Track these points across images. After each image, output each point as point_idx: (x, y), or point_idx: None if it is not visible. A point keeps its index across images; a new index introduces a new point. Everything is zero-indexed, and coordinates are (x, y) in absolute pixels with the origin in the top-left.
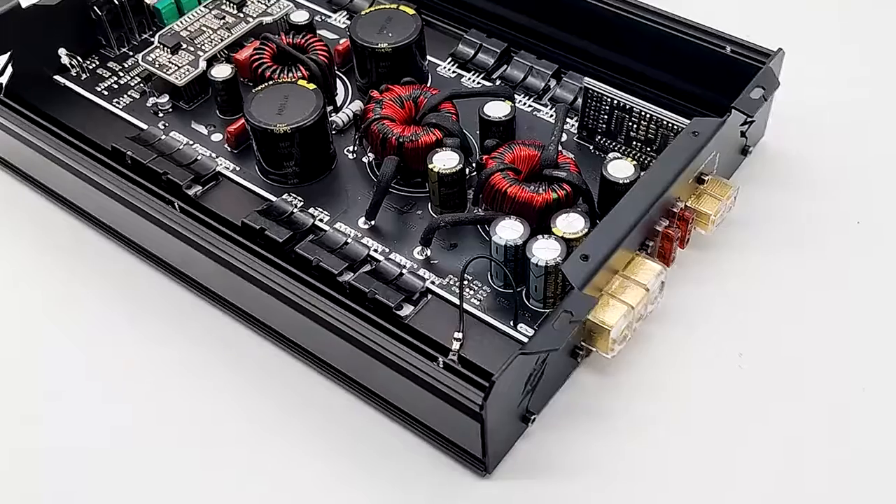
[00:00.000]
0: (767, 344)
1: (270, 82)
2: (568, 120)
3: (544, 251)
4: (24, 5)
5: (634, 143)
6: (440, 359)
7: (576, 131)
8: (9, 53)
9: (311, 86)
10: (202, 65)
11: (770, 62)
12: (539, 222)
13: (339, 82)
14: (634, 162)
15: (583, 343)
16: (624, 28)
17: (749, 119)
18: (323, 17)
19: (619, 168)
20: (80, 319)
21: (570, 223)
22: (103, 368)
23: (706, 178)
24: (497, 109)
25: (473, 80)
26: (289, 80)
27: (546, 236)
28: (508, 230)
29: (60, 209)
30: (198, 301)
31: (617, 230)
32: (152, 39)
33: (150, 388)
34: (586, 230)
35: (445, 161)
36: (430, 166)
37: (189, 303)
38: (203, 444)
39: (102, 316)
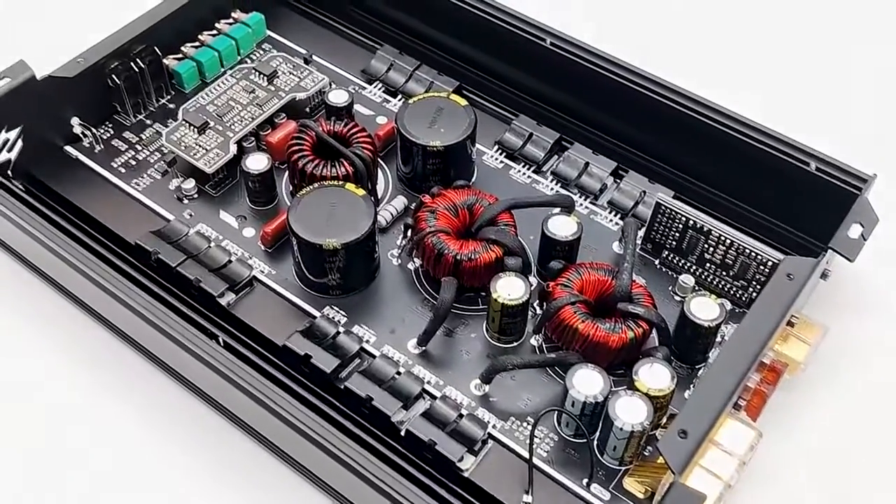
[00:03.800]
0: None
1: (316, 185)
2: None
3: (629, 413)
4: (38, 77)
5: (708, 265)
6: None
7: (639, 241)
8: (20, 128)
9: (360, 191)
10: (233, 149)
11: (865, 191)
12: (611, 360)
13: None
14: (719, 301)
15: None
16: (691, 127)
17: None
18: (356, 89)
19: (703, 308)
20: (96, 438)
21: (655, 376)
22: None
23: (796, 321)
24: (563, 227)
25: (522, 173)
26: (333, 180)
27: (629, 392)
28: (587, 383)
29: (78, 310)
30: (233, 431)
31: (716, 399)
32: (170, 105)
33: None
34: (673, 385)
35: (511, 290)
36: (495, 296)
37: (225, 433)
38: None
39: (126, 436)
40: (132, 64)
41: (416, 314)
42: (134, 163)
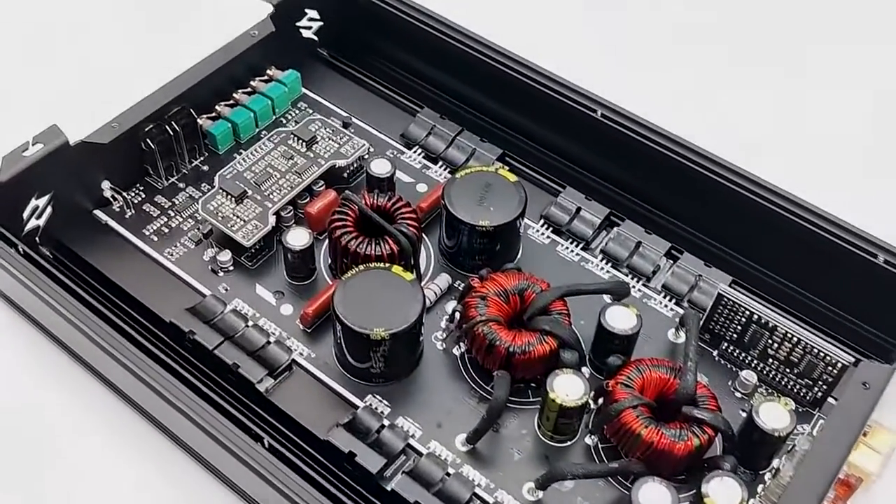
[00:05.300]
0: None
1: (362, 267)
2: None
3: None
4: (72, 143)
5: (771, 360)
6: None
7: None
8: (50, 194)
9: (409, 275)
10: (271, 221)
11: None
12: (675, 468)
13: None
14: (789, 406)
15: None
16: (750, 208)
17: None
18: (395, 153)
19: (773, 415)
20: None
21: (726, 493)
22: None
23: (867, 429)
24: (622, 320)
25: (570, 250)
26: (377, 259)
27: None
28: (654, 500)
29: (109, 390)
30: None
31: None
32: (204, 167)
33: None
34: (746, 502)
35: (569, 389)
36: (552, 395)
37: None
38: None
39: None
40: (167, 127)
41: (462, 405)
42: (166, 230)
